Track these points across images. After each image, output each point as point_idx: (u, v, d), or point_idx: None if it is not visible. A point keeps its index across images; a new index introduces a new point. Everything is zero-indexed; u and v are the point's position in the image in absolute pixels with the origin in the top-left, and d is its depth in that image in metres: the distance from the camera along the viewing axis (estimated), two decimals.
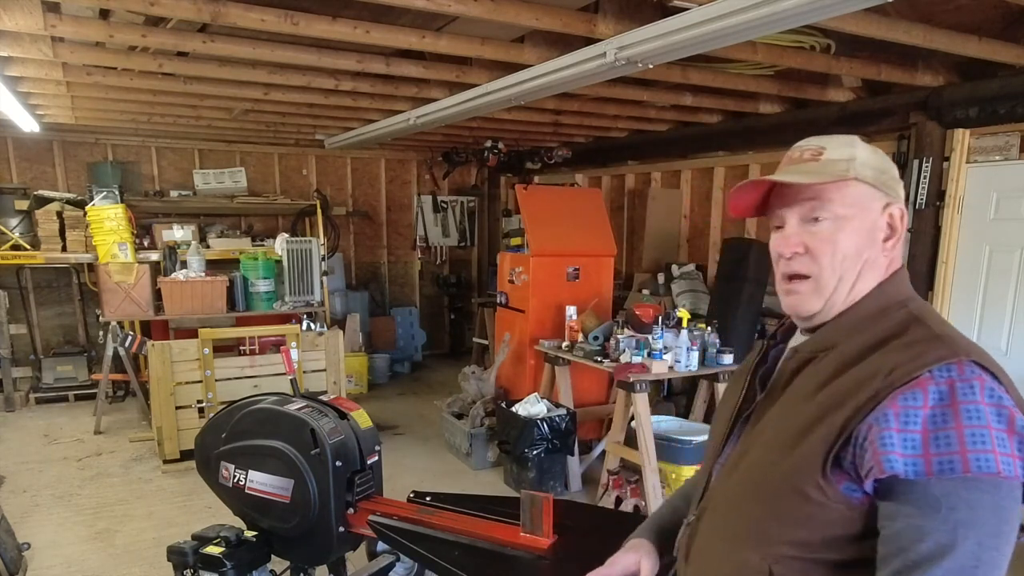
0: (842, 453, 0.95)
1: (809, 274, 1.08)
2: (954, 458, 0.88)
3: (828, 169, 1.06)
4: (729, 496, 1.12)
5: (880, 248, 1.07)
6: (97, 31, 3.16)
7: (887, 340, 1.00)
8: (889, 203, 1.08)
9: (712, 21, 2.62)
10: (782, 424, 1.05)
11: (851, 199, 1.06)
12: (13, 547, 3.25)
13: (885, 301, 1.06)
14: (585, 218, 5.63)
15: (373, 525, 2.33)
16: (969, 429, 0.89)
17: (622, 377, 4.05)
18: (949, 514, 0.87)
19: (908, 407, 0.91)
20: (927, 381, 0.92)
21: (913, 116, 4.32)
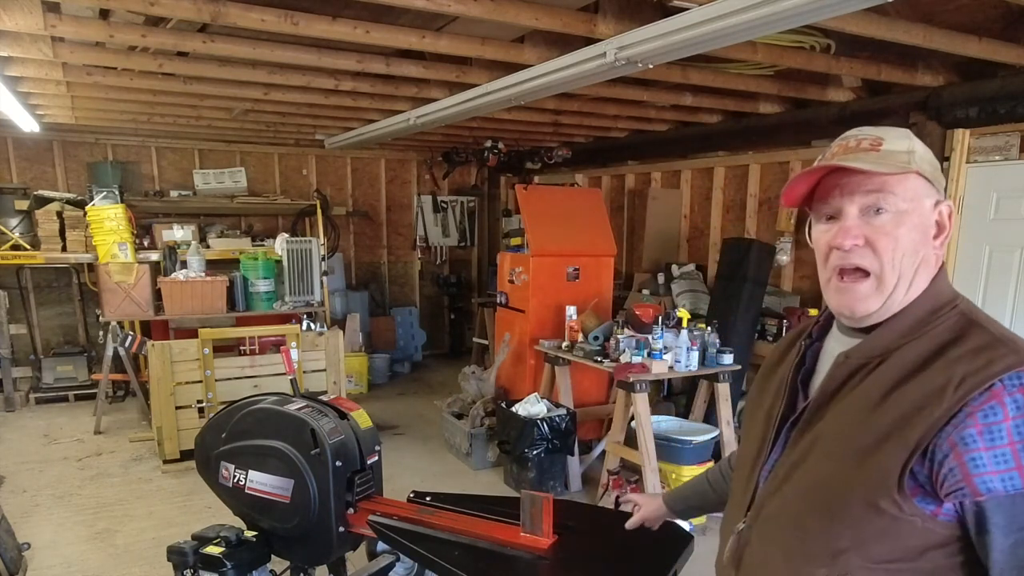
0: (916, 468, 0.95)
1: (869, 270, 1.04)
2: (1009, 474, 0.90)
3: (891, 160, 1.02)
4: (788, 508, 1.09)
5: (931, 246, 1.05)
6: (97, 31, 3.16)
7: (947, 346, 0.99)
8: (939, 200, 1.05)
9: (712, 21, 2.62)
10: (843, 435, 1.03)
11: (911, 193, 1.03)
12: (13, 547, 3.25)
13: (935, 302, 1.04)
14: (585, 218, 5.63)
15: (373, 525, 2.32)
16: None
17: (622, 377, 4.05)
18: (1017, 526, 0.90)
19: (990, 423, 0.91)
20: (1000, 392, 0.91)
21: (913, 116, 4.32)
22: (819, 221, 1.11)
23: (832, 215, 1.08)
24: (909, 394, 0.97)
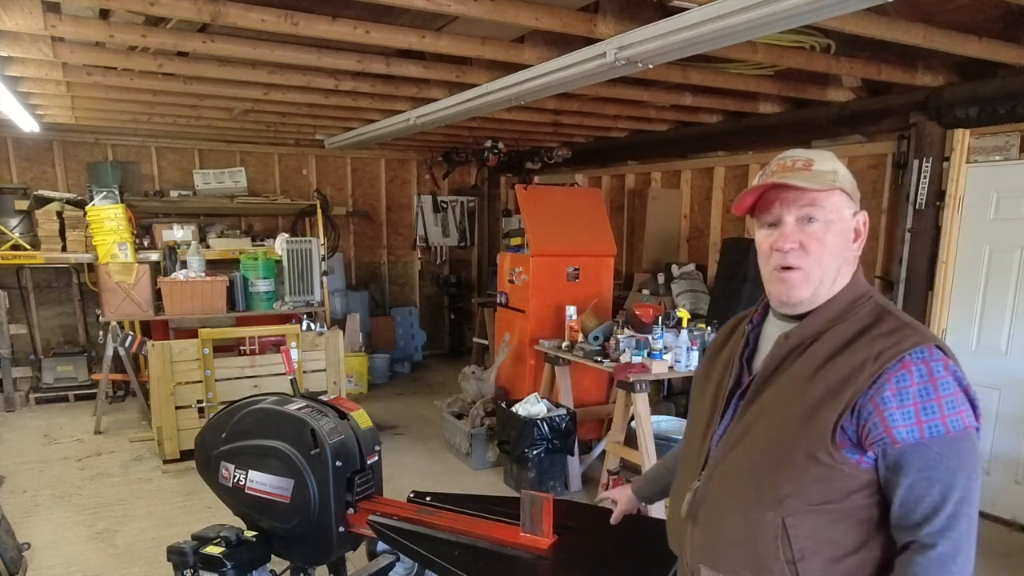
0: (845, 424, 1.19)
1: (800, 266, 1.27)
2: (939, 423, 1.15)
3: (821, 179, 1.25)
4: (740, 464, 1.31)
5: (851, 248, 1.29)
6: (97, 31, 3.16)
7: (866, 329, 1.23)
8: (857, 211, 1.29)
9: (712, 21, 2.62)
10: (787, 402, 1.26)
11: (836, 206, 1.26)
12: (13, 547, 3.25)
13: (855, 294, 1.29)
14: (585, 218, 5.63)
15: (373, 525, 2.32)
16: (945, 398, 1.16)
17: (622, 377, 4.05)
18: (946, 463, 1.15)
19: (901, 388, 1.16)
20: (909, 363, 1.17)
21: (913, 116, 4.32)
22: (762, 227, 1.33)
23: (773, 222, 1.30)
24: (839, 366, 1.21)
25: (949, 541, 1.15)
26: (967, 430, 1.17)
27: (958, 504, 1.16)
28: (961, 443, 1.17)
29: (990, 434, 4.27)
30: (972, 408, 1.18)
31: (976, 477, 1.18)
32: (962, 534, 1.16)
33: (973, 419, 1.18)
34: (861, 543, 1.23)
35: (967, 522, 1.17)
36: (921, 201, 4.36)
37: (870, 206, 4.93)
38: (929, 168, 4.30)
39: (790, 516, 1.23)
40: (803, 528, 1.23)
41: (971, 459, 1.18)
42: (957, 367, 1.19)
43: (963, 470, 1.16)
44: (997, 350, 4.22)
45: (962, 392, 1.18)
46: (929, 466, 1.16)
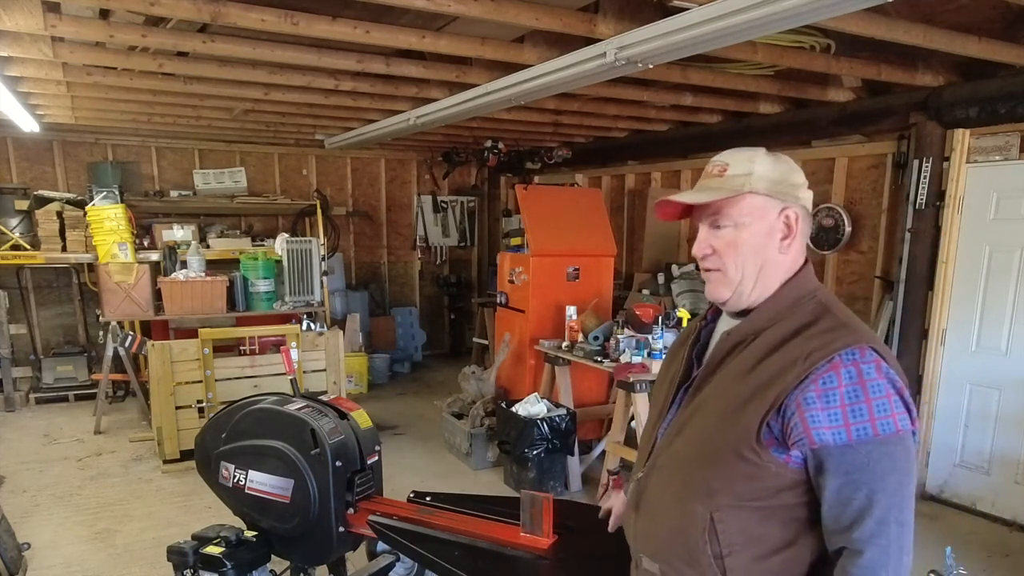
0: (771, 422, 1.18)
1: (718, 268, 1.31)
2: (867, 425, 1.14)
3: (728, 185, 1.28)
4: (676, 457, 1.33)
5: (778, 247, 1.28)
6: (97, 31, 3.16)
7: (804, 328, 1.22)
8: (785, 208, 1.27)
9: (712, 21, 2.62)
10: (721, 397, 1.26)
11: (747, 209, 1.27)
12: (13, 547, 3.24)
13: (798, 292, 1.28)
14: (585, 218, 5.63)
15: (373, 525, 2.32)
16: (875, 401, 1.14)
17: (622, 377, 4.05)
18: (874, 466, 1.14)
19: (827, 389, 1.15)
20: (838, 365, 1.15)
21: (913, 116, 4.32)
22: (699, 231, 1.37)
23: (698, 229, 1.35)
24: (771, 364, 1.21)
25: (878, 548, 1.13)
26: (899, 433, 1.15)
27: (887, 509, 1.13)
28: (892, 446, 1.14)
29: (990, 434, 4.27)
30: (907, 411, 1.16)
31: (909, 482, 1.16)
32: (892, 540, 1.14)
33: (907, 422, 1.16)
34: (790, 541, 1.22)
35: (898, 528, 1.14)
36: (921, 201, 4.36)
37: (870, 206, 4.94)
38: (929, 168, 4.30)
39: (718, 511, 1.23)
40: (730, 523, 1.23)
41: (903, 463, 1.16)
42: (891, 369, 1.17)
43: (894, 474, 1.14)
44: (997, 350, 4.22)
45: (896, 395, 1.16)
46: (857, 469, 1.14)
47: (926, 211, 4.36)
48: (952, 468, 4.45)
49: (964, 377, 4.37)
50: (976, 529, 4.16)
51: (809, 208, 1.32)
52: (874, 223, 4.92)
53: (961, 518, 4.30)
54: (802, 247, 1.31)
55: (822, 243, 5.13)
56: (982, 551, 3.85)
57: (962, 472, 4.40)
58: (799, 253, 1.30)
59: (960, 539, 3.91)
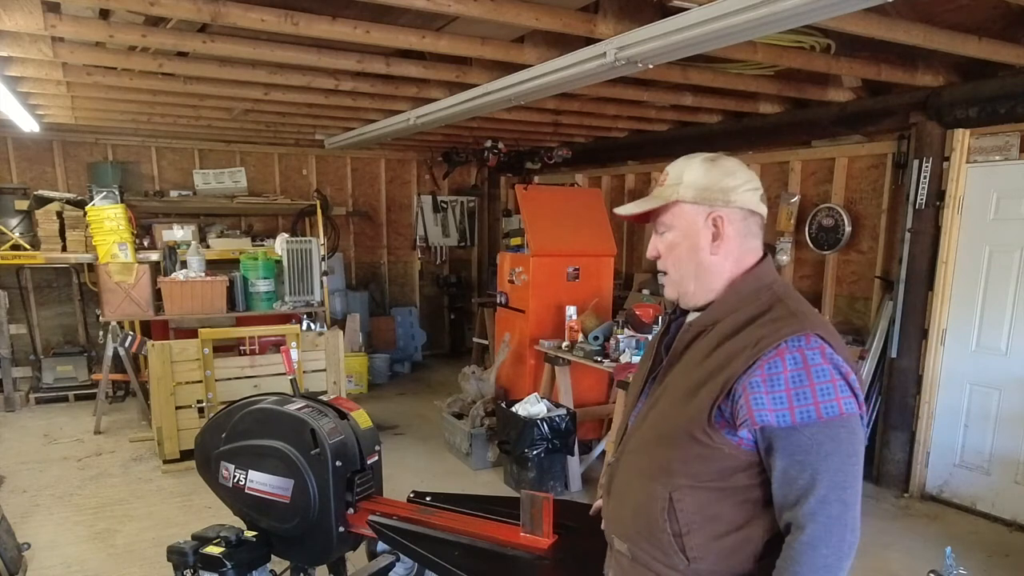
0: (723, 406, 1.24)
1: (665, 270, 1.42)
2: (811, 408, 1.19)
3: (662, 194, 1.38)
4: (641, 440, 1.41)
5: (710, 249, 1.35)
6: (97, 31, 3.16)
7: (756, 317, 1.28)
8: (711, 212, 1.34)
9: (712, 21, 2.62)
10: (680, 384, 1.34)
11: (678, 216, 1.37)
12: (13, 547, 3.25)
13: (756, 284, 1.34)
14: (585, 218, 5.63)
15: (373, 525, 2.32)
16: (819, 385, 1.20)
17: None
18: (818, 448, 1.19)
19: (772, 374, 1.21)
20: (784, 351, 1.21)
21: (913, 116, 4.32)
22: None
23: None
24: (724, 351, 1.27)
25: (819, 525, 1.18)
26: (842, 416, 1.20)
27: (829, 488, 1.18)
28: (835, 429, 1.19)
29: (990, 434, 4.27)
30: (853, 395, 1.21)
31: (854, 463, 1.21)
32: (833, 518, 1.18)
33: (853, 406, 1.21)
34: (745, 521, 1.28)
35: (840, 507, 1.19)
36: (921, 201, 4.36)
37: (870, 206, 4.94)
38: (929, 168, 4.30)
39: (676, 491, 1.29)
40: (688, 503, 1.29)
41: (847, 445, 1.20)
42: (836, 354, 1.22)
43: (836, 455, 1.19)
44: (997, 350, 4.22)
45: (840, 379, 1.20)
46: (801, 450, 1.19)
47: (926, 211, 4.36)
48: (952, 468, 4.45)
49: (964, 377, 4.37)
50: (976, 529, 4.16)
51: (751, 207, 1.35)
52: (874, 223, 4.93)
53: (961, 518, 4.30)
54: (745, 246, 1.35)
55: (822, 243, 5.13)
56: (982, 551, 3.85)
57: (962, 472, 4.40)
58: (745, 251, 1.36)
59: (960, 539, 3.91)
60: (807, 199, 5.31)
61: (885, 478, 4.68)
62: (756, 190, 1.36)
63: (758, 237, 1.38)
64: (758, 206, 1.36)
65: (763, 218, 1.38)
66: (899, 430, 4.61)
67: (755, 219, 1.36)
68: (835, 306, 5.24)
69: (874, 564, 3.68)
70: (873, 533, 4.03)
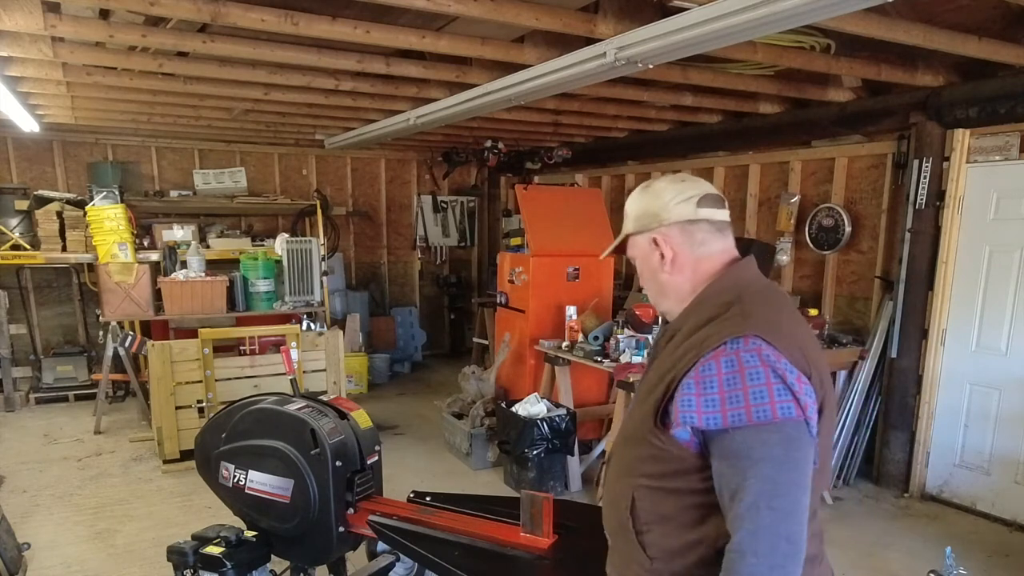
0: (669, 407, 1.25)
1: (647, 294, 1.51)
2: (742, 412, 1.16)
3: (622, 231, 1.49)
4: (618, 439, 1.46)
5: (662, 268, 1.40)
6: (97, 31, 3.16)
7: (713, 319, 1.28)
8: (651, 235, 1.40)
9: (712, 21, 2.62)
10: (646, 384, 1.38)
11: (634, 247, 1.46)
12: (13, 547, 3.25)
13: (721, 287, 1.35)
14: (585, 218, 5.63)
15: (373, 525, 2.32)
16: (752, 388, 1.17)
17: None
18: (749, 452, 1.16)
19: (705, 376, 1.20)
20: (720, 353, 1.20)
21: (913, 116, 4.32)
22: None
23: None
24: (676, 353, 1.29)
25: (746, 532, 1.14)
26: (776, 422, 1.16)
27: (758, 495, 1.14)
28: (767, 434, 1.16)
29: (990, 434, 4.27)
30: (793, 399, 1.17)
31: (789, 469, 1.16)
32: (762, 526, 1.13)
33: (791, 410, 1.16)
34: (696, 523, 1.27)
35: (770, 515, 1.14)
36: (921, 201, 4.36)
37: (870, 206, 4.94)
38: (929, 168, 4.30)
39: (637, 490, 1.32)
40: (645, 502, 1.31)
41: (780, 450, 1.16)
42: (779, 357, 1.18)
43: (768, 462, 1.15)
44: (997, 350, 4.22)
45: (778, 382, 1.17)
46: (732, 454, 1.18)
47: (926, 211, 4.36)
48: (952, 468, 4.45)
49: (964, 377, 4.37)
50: (976, 529, 4.16)
51: (687, 217, 1.36)
52: (874, 223, 4.92)
53: (961, 518, 4.30)
54: (698, 254, 1.37)
55: (822, 243, 5.13)
56: (982, 551, 3.85)
57: (962, 472, 4.40)
58: (700, 259, 1.38)
59: (960, 539, 3.91)
60: (807, 199, 5.31)
61: (885, 478, 4.68)
62: (689, 199, 1.36)
63: (715, 241, 1.38)
64: (696, 213, 1.36)
65: (710, 221, 1.37)
66: (899, 430, 4.61)
67: (699, 226, 1.36)
68: (835, 306, 5.24)
69: (874, 564, 3.69)
70: (873, 533, 4.03)
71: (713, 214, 1.37)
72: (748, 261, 1.39)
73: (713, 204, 1.37)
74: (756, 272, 1.39)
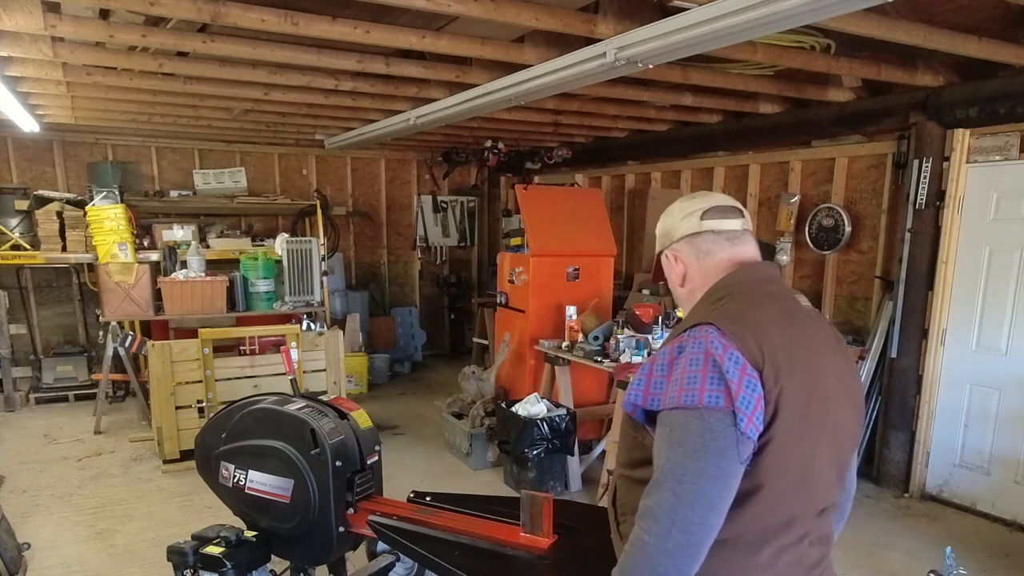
0: None
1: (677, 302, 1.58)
2: (675, 394, 1.22)
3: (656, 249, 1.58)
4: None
5: (680, 282, 1.49)
6: (97, 31, 3.16)
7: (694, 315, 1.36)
8: (668, 253, 1.50)
9: (712, 21, 2.62)
10: None
11: (664, 265, 1.53)
12: (13, 547, 3.25)
13: (716, 288, 1.40)
14: (585, 218, 5.63)
15: (373, 525, 2.32)
16: (688, 373, 1.22)
17: (622, 377, 4.05)
18: (671, 433, 1.22)
19: (658, 360, 1.28)
20: (679, 340, 1.27)
21: (913, 116, 4.32)
22: None
23: None
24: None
25: (650, 501, 1.20)
26: (699, 408, 1.18)
27: (665, 474, 1.19)
28: (688, 418, 1.19)
29: (990, 434, 4.27)
30: (725, 390, 1.18)
31: (699, 458, 1.17)
32: (661, 505, 1.18)
33: (717, 399, 1.18)
34: None
35: (672, 498, 1.17)
36: (921, 201, 4.36)
37: (870, 206, 4.94)
38: (929, 168, 4.30)
39: (619, 479, 1.40)
40: (623, 492, 1.37)
41: (696, 437, 1.18)
42: (724, 347, 1.21)
43: (682, 445, 1.19)
44: (997, 350, 4.22)
45: (714, 371, 1.19)
46: (660, 434, 1.24)
47: (926, 211, 4.36)
48: (952, 468, 4.45)
49: (964, 377, 4.37)
50: (976, 529, 4.16)
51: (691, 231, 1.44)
52: (874, 223, 4.93)
53: (961, 518, 4.30)
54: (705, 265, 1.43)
55: (822, 243, 5.13)
56: (982, 551, 3.85)
57: (962, 472, 4.40)
58: (707, 269, 1.43)
59: (960, 539, 3.91)
60: (807, 199, 5.31)
61: (885, 478, 4.68)
62: (693, 213, 1.44)
63: (720, 251, 1.42)
64: (700, 225, 1.43)
65: (715, 231, 1.43)
66: (899, 430, 4.61)
67: (703, 237, 1.43)
68: (835, 306, 5.24)
69: (874, 564, 3.69)
70: (873, 533, 4.03)
71: (719, 224, 1.42)
72: (755, 263, 1.42)
73: (720, 215, 1.43)
74: (763, 272, 1.42)
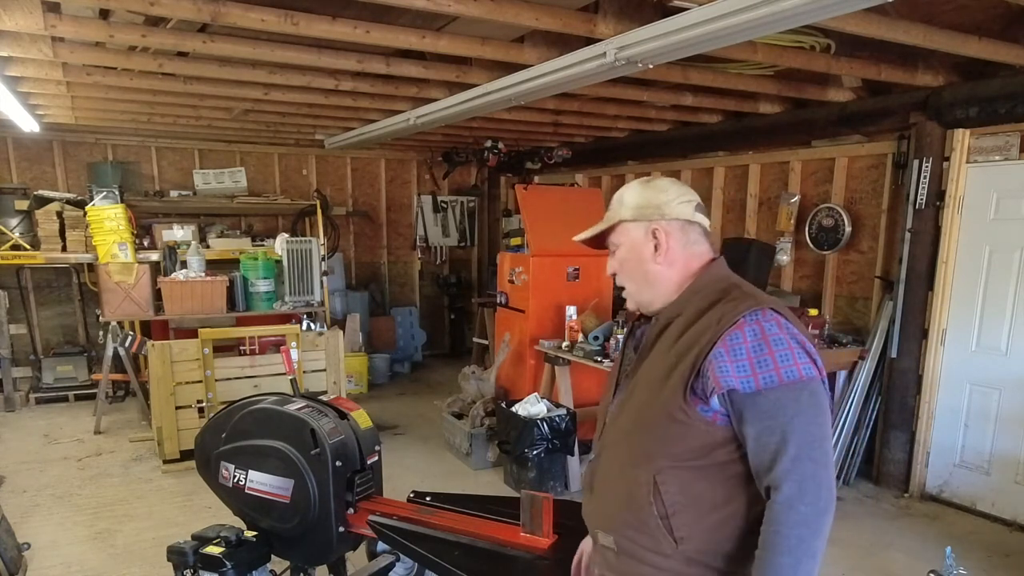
0: (695, 384, 1.31)
1: (623, 285, 1.53)
2: (772, 374, 1.27)
3: (609, 216, 1.53)
4: (620, 431, 1.47)
5: (654, 258, 1.46)
6: (97, 31, 3.16)
7: (716, 302, 1.37)
8: (650, 226, 1.45)
9: (712, 21, 2.62)
10: (653, 372, 1.41)
11: (622, 235, 1.50)
12: (13, 547, 3.25)
13: (712, 277, 1.44)
14: (585, 218, 5.54)
15: (373, 525, 2.32)
16: (778, 352, 1.28)
17: None
18: (782, 411, 1.26)
19: (734, 344, 1.29)
20: (743, 324, 1.30)
21: (913, 116, 4.32)
22: None
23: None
24: (691, 334, 1.35)
25: (794, 483, 1.23)
26: (802, 380, 1.27)
27: (799, 447, 1.24)
28: (797, 392, 1.27)
29: (990, 434, 4.27)
30: (812, 361, 1.29)
31: (821, 422, 1.28)
32: (807, 476, 1.24)
33: (812, 370, 1.29)
34: (728, 497, 1.33)
35: (811, 464, 1.24)
36: (921, 201, 4.36)
37: (870, 206, 4.94)
38: (929, 168, 4.30)
39: (660, 473, 1.34)
40: (671, 484, 1.34)
41: (810, 406, 1.27)
42: (792, 326, 1.32)
43: (801, 415, 1.26)
44: (997, 350, 4.22)
45: (798, 347, 1.29)
46: (769, 415, 1.26)
47: (926, 211, 4.36)
48: (952, 468, 4.45)
49: (964, 377, 4.37)
50: (976, 529, 4.16)
51: (687, 217, 1.46)
52: (874, 223, 4.92)
53: (961, 518, 4.30)
54: (689, 252, 1.46)
55: (822, 243, 5.13)
56: (982, 551, 3.85)
57: (962, 472, 4.40)
58: (690, 257, 1.46)
59: (960, 539, 3.91)
60: (807, 199, 5.31)
61: (885, 478, 4.68)
62: (689, 202, 1.47)
63: (702, 243, 1.48)
64: (694, 216, 1.46)
65: (703, 226, 1.48)
66: (899, 430, 4.61)
67: (694, 228, 1.47)
68: (835, 306, 5.24)
69: (874, 564, 3.69)
70: (873, 533, 4.03)
71: (704, 220, 1.49)
72: (723, 260, 1.49)
73: (704, 211, 1.50)
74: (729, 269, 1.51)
